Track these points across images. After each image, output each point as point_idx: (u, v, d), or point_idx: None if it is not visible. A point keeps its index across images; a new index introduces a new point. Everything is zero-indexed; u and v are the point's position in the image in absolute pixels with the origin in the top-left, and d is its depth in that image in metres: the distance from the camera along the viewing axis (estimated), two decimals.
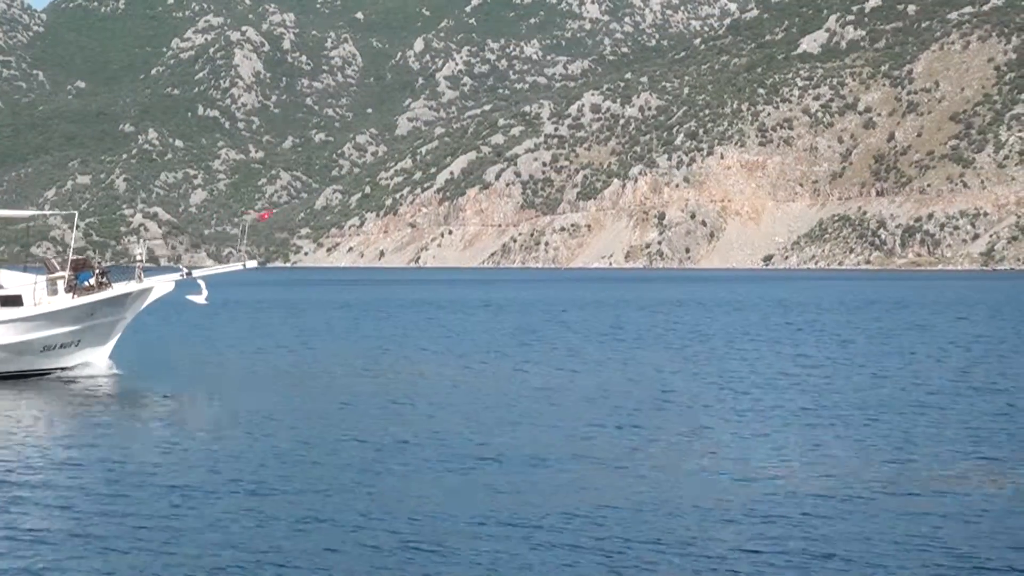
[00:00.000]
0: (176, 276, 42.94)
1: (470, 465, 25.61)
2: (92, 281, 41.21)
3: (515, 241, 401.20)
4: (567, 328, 75.28)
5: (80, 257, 42.63)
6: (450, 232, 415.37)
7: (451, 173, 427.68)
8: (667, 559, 18.01)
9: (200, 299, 42.66)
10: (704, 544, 18.76)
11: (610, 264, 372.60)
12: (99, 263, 43.90)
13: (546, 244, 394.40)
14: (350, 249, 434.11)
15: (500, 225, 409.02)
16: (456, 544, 18.71)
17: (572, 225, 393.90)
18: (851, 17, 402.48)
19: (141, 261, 42.73)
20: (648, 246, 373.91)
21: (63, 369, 41.79)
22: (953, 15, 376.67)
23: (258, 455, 26.44)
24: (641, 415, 33.43)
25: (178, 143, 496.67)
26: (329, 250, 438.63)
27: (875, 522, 20.23)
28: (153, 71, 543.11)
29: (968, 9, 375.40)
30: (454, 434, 29.61)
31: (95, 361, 42.11)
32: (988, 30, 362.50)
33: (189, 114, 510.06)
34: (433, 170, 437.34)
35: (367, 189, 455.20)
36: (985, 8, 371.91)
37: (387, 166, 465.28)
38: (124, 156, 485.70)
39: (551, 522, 20.41)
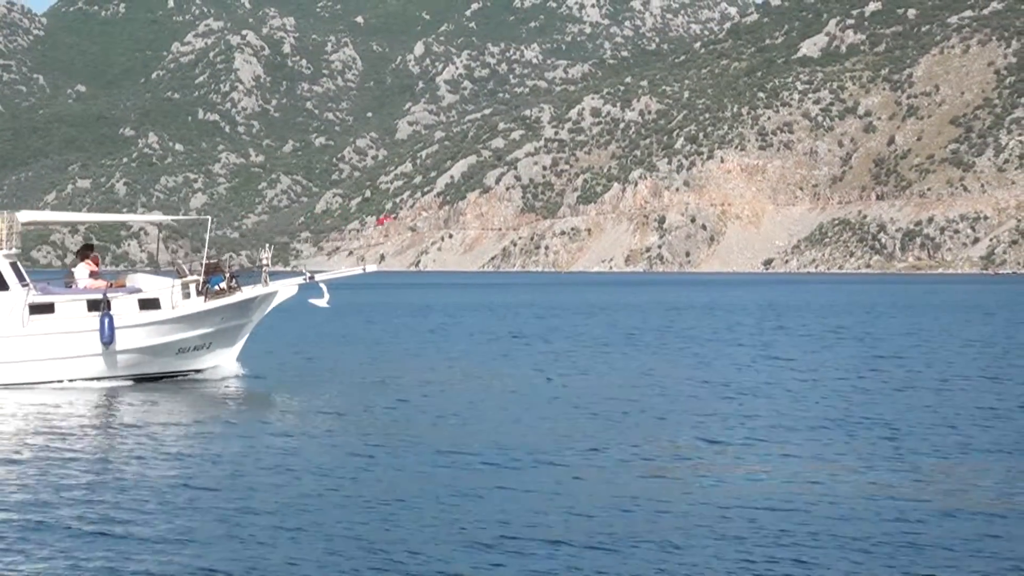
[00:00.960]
0: (299, 280, 43.76)
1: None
2: (223, 285, 42.08)
3: (515, 245, 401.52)
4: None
5: (213, 261, 43.39)
6: (450, 236, 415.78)
7: (451, 177, 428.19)
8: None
9: (322, 302, 43.43)
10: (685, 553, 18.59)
11: (610, 268, 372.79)
12: (230, 267, 44.54)
13: (546, 248, 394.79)
14: (350, 253, 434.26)
15: (500, 229, 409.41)
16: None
17: (572, 229, 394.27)
18: (851, 21, 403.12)
19: (267, 265, 43.37)
20: (648, 250, 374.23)
21: (195, 371, 42.82)
22: (953, 19, 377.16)
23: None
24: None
25: (178, 147, 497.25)
26: (329, 254, 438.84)
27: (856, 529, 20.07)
28: (153, 75, 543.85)
29: (968, 13, 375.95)
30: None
31: (224, 363, 43.14)
32: (988, 34, 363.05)
33: (189, 118, 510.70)
34: (433, 174, 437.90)
35: (367, 193, 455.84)
36: (985, 12, 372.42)
37: (387, 170, 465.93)
38: (124, 160, 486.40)
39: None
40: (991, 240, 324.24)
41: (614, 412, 34.44)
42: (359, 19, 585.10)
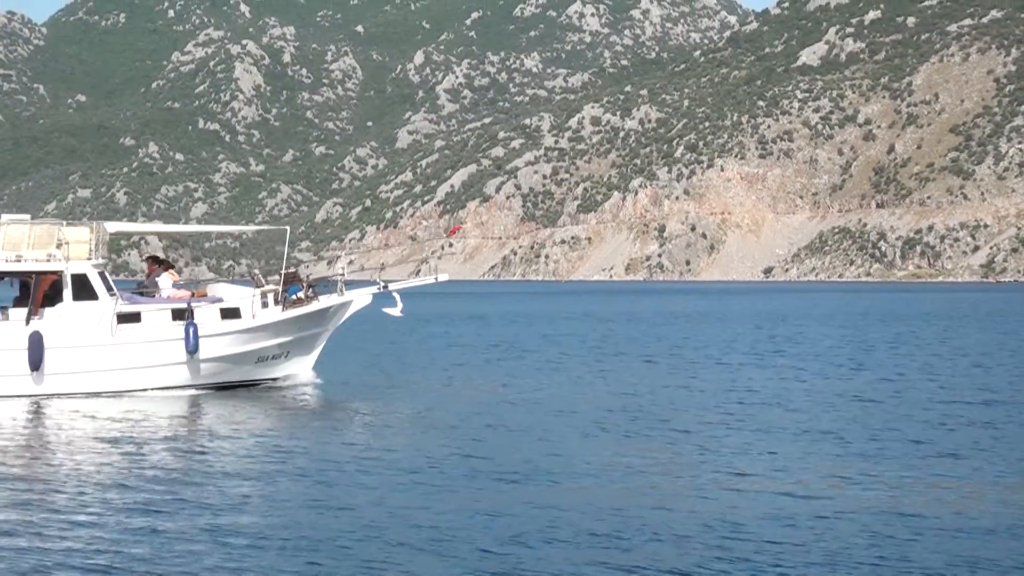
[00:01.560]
0: (373, 289, 44.58)
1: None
2: (301, 294, 42.90)
3: (515, 254, 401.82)
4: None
5: (291, 271, 44.34)
6: (450, 245, 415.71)
7: (451, 186, 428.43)
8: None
9: (395, 311, 44.07)
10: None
11: (610, 276, 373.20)
12: (307, 276, 45.42)
13: (546, 257, 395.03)
14: (351, 262, 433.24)
15: (500, 238, 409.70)
16: None
17: (572, 238, 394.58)
18: (851, 30, 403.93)
19: (343, 275, 44.51)
20: (648, 259, 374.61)
21: (272, 380, 43.58)
22: (953, 27, 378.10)
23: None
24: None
25: (178, 156, 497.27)
26: (329, 263, 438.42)
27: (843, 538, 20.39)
28: (153, 85, 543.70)
29: (968, 21, 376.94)
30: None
31: (300, 372, 43.96)
32: (988, 42, 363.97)
33: (189, 127, 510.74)
34: (433, 183, 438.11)
35: (367, 202, 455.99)
36: (984, 20, 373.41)
37: (387, 179, 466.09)
38: (125, 169, 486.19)
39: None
40: (991, 248, 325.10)
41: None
42: (359, 28, 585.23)
